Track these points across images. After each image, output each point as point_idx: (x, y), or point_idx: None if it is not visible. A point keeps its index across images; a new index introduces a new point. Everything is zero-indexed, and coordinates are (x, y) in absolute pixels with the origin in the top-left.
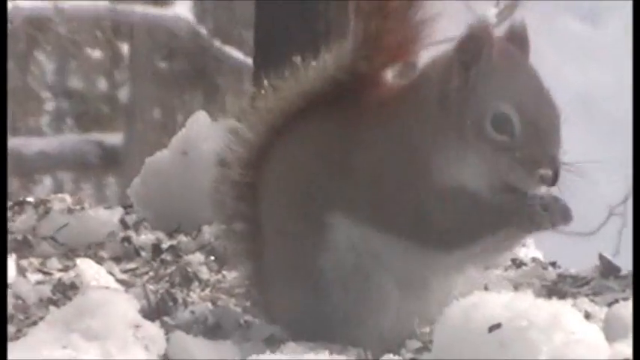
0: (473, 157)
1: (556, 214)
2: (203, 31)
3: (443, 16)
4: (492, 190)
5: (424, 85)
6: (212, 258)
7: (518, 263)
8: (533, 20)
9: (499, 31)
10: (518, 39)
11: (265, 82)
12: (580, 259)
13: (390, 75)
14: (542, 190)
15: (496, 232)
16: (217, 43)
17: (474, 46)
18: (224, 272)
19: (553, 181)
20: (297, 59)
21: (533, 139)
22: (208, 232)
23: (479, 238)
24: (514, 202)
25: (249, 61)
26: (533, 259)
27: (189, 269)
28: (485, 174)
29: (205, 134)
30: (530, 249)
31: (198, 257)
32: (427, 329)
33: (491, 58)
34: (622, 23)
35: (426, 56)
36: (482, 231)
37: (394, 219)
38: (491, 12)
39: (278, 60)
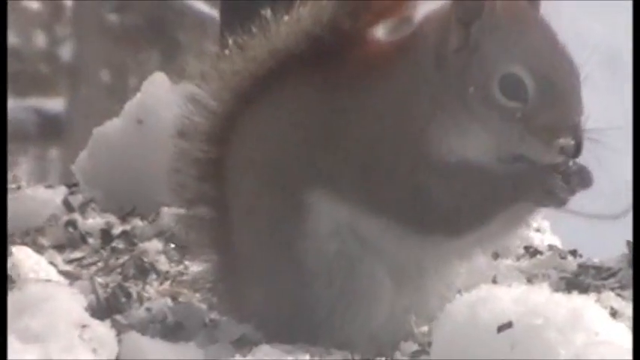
0: (479, 128)
1: (573, 180)
2: None
3: None
4: (502, 162)
5: (419, 44)
6: (172, 246)
7: (532, 252)
8: None
9: None
10: None
11: (231, 39)
12: (605, 247)
13: (380, 32)
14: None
15: (509, 208)
16: None
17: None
18: (186, 263)
19: (575, 152)
20: (267, 13)
21: (550, 103)
22: (168, 215)
23: (490, 217)
24: (527, 172)
25: (216, 13)
26: (550, 247)
27: (145, 259)
28: (494, 146)
29: (164, 100)
30: (546, 234)
31: (155, 245)
32: (425, 328)
33: (494, 12)
34: None
35: (423, 10)
36: (494, 209)
37: (387, 200)
38: None
39: (249, 12)
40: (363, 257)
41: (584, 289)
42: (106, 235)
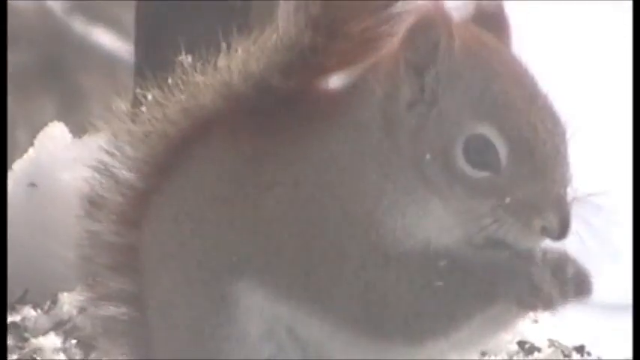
0: (440, 206)
1: (567, 285)
2: (57, 6)
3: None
4: (473, 249)
5: (362, 100)
6: (73, 342)
7: (528, 348)
8: None
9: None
10: (491, 19)
11: (146, 93)
12: (620, 340)
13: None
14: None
15: (486, 309)
16: (80, 25)
17: (425, 38)
18: None
19: (560, 233)
20: (185, 59)
21: (528, 172)
22: (68, 302)
23: (462, 320)
24: (507, 262)
25: (128, 51)
26: (551, 342)
27: (39, 359)
28: (461, 229)
29: (63, 157)
30: (544, 326)
31: (52, 341)
32: None
33: (452, 54)
34: None
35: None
36: (466, 310)
37: (332, 298)
38: None
39: (171, 51)
40: None
41: None
42: None
